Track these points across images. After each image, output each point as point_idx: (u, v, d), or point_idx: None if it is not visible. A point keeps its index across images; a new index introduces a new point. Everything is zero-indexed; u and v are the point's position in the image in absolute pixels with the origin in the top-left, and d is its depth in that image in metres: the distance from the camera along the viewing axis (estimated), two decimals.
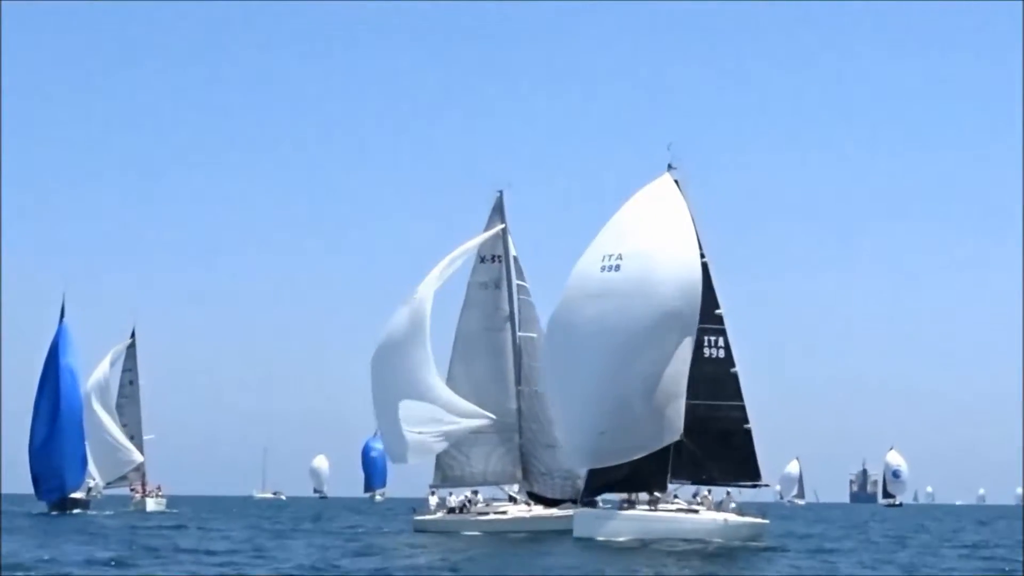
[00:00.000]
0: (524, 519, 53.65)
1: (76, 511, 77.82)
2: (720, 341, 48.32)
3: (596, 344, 46.38)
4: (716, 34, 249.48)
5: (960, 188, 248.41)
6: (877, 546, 50.70)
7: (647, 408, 46.43)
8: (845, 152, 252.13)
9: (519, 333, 56.08)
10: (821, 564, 39.25)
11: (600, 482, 48.39)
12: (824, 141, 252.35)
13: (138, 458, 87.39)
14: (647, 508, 47.77)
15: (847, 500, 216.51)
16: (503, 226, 57.26)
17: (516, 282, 56.43)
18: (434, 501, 55.29)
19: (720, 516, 48.17)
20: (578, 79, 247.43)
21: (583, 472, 49.91)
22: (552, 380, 49.00)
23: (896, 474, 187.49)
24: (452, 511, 54.73)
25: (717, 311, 48.26)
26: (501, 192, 57.80)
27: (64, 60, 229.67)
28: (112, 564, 34.46)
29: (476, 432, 54.18)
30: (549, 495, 55.10)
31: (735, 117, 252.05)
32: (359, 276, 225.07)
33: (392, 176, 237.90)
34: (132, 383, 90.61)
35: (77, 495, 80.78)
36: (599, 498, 49.38)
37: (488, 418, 53.55)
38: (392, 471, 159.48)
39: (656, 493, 47.92)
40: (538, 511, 54.18)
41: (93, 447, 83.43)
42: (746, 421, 48.53)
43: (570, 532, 47.51)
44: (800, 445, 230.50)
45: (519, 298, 56.31)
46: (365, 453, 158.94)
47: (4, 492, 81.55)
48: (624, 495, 48.42)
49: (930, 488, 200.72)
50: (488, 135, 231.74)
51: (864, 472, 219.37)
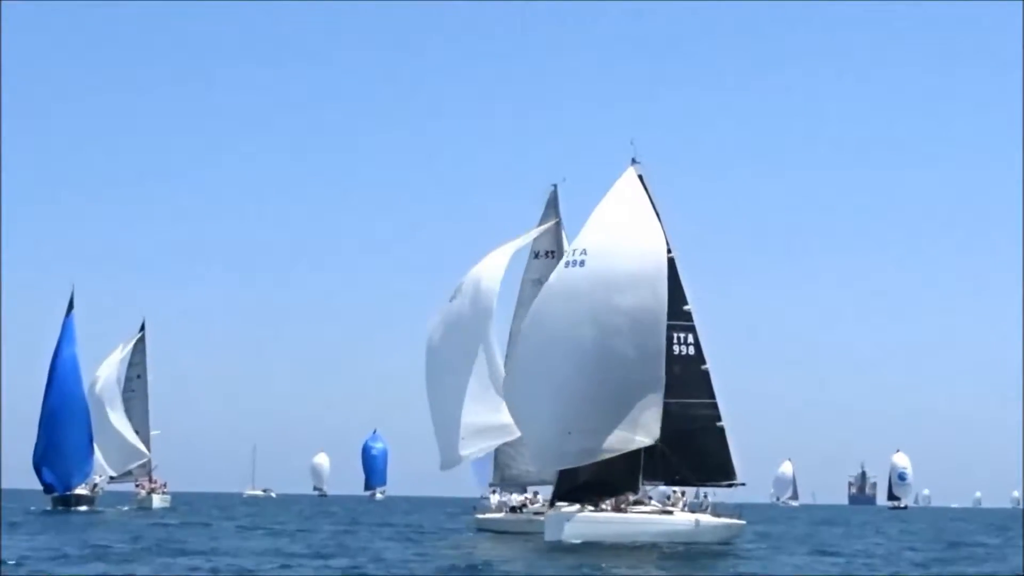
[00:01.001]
0: None
1: (82, 508, 76.46)
2: (690, 338, 47.09)
3: (562, 342, 45.30)
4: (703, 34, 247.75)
5: (953, 179, 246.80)
6: None
7: (616, 409, 45.26)
8: (826, 154, 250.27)
9: None
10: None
11: (570, 485, 46.97)
12: (805, 141, 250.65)
13: (146, 454, 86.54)
14: (619, 510, 46.58)
15: (845, 502, 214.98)
16: (557, 220, 56.00)
17: None
18: (495, 500, 54.22)
19: (692, 517, 47.06)
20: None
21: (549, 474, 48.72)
22: (518, 379, 47.39)
23: (902, 476, 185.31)
24: (514, 510, 53.56)
25: (685, 307, 47.05)
26: (555, 186, 56.38)
27: (80, 59, 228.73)
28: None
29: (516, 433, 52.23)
30: None
31: (718, 118, 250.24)
32: (364, 277, 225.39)
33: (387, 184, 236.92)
34: (140, 377, 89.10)
35: (81, 491, 79.40)
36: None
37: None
38: (392, 470, 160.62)
39: (628, 495, 46.73)
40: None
41: (101, 442, 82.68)
42: (719, 419, 47.33)
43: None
44: (797, 447, 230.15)
45: None
46: (365, 451, 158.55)
47: (7, 487, 79.73)
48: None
49: (927, 491, 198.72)
50: (539, 127, 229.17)
51: (863, 474, 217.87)
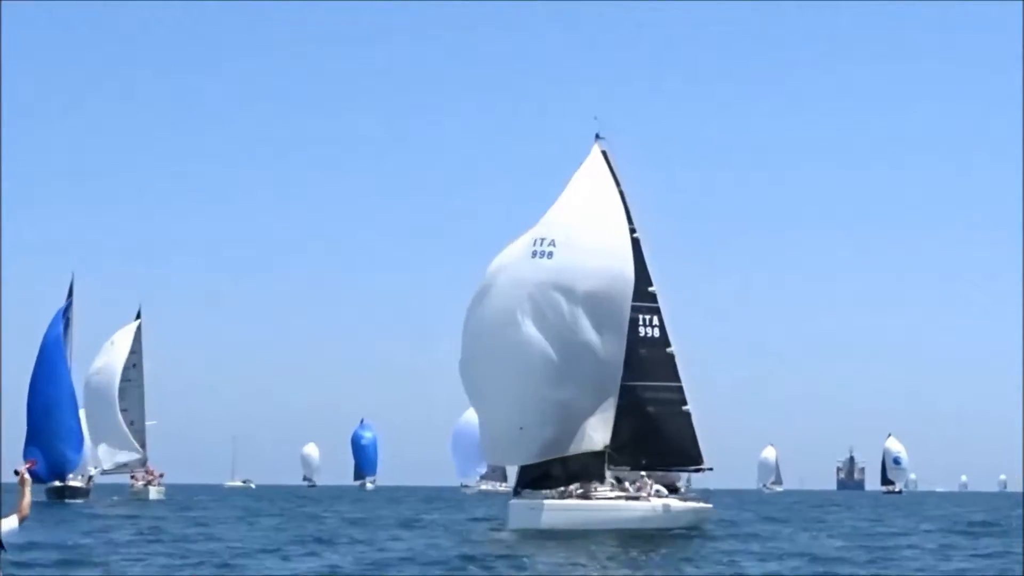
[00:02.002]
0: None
1: (78, 500, 75.15)
2: (655, 320, 46.12)
3: (521, 336, 43.88)
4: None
5: (941, 158, 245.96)
6: None
7: (569, 411, 43.99)
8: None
9: None
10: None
11: (534, 473, 45.87)
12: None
13: (143, 453, 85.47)
14: (585, 497, 45.57)
15: (834, 487, 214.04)
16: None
17: None
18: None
19: (661, 503, 46.15)
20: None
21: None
22: (476, 368, 45.39)
23: (897, 461, 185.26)
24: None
25: (651, 288, 46.03)
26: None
27: (77, 49, 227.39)
28: None
29: None
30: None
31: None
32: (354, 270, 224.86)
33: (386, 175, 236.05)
34: (136, 366, 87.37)
35: (76, 483, 78.45)
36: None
37: None
38: (383, 460, 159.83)
39: (594, 483, 45.69)
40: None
41: (100, 435, 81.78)
42: (684, 403, 46.40)
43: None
44: (785, 433, 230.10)
45: None
46: (355, 441, 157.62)
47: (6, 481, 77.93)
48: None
49: (914, 475, 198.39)
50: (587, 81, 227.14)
51: (851, 459, 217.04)
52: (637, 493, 46.03)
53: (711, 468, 47.40)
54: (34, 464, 11.02)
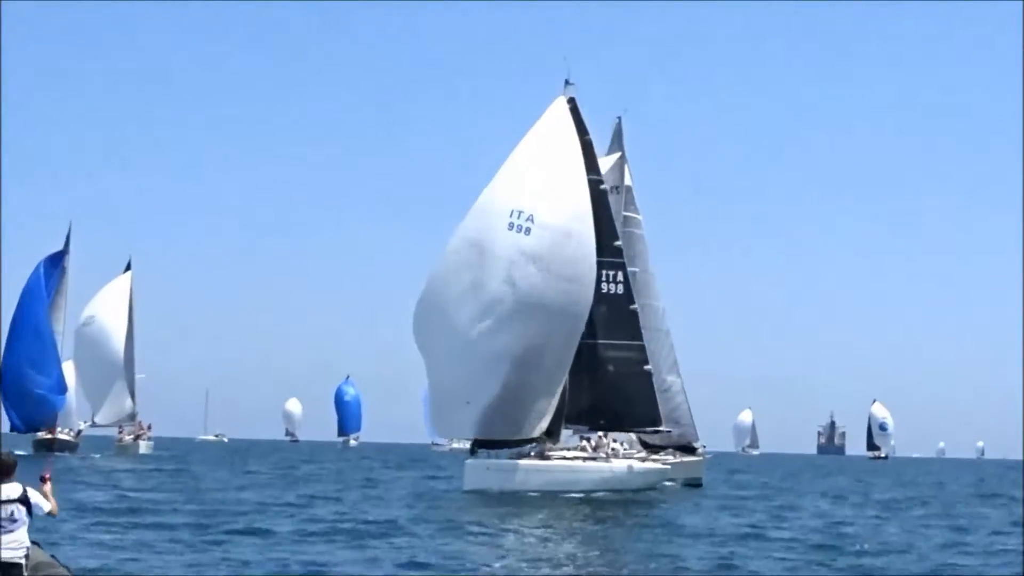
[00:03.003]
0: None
1: (65, 453, 72.22)
2: (619, 275, 44.78)
3: (481, 312, 41.98)
4: None
5: (933, 128, 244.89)
6: None
7: (515, 394, 42.25)
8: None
9: None
10: None
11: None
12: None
13: (134, 410, 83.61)
14: (542, 457, 44.35)
15: (814, 452, 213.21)
16: (620, 153, 53.10)
17: (624, 214, 51.95)
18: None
19: (624, 463, 45.19)
20: None
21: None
22: (431, 336, 43.30)
23: (883, 427, 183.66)
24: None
25: (616, 243, 44.75)
26: (620, 118, 53.80)
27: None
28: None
29: None
30: (651, 441, 50.36)
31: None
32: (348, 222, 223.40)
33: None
34: (128, 320, 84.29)
35: (65, 436, 76.50)
36: None
37: None
38: (367, 416, 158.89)
39: (547, 442, 44.37)
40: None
41: (94, 386, 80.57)
42: (646, 362, 45.26)
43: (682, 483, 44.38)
44: (766, 396, 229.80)
45: (624, 231, 51.15)
46: (339, 397, 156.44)
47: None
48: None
49: (893, 442, 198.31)
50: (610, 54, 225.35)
51: (832, 424, 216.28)
52: (595, 454, 45.13)
53: (669, 430, 46.39)
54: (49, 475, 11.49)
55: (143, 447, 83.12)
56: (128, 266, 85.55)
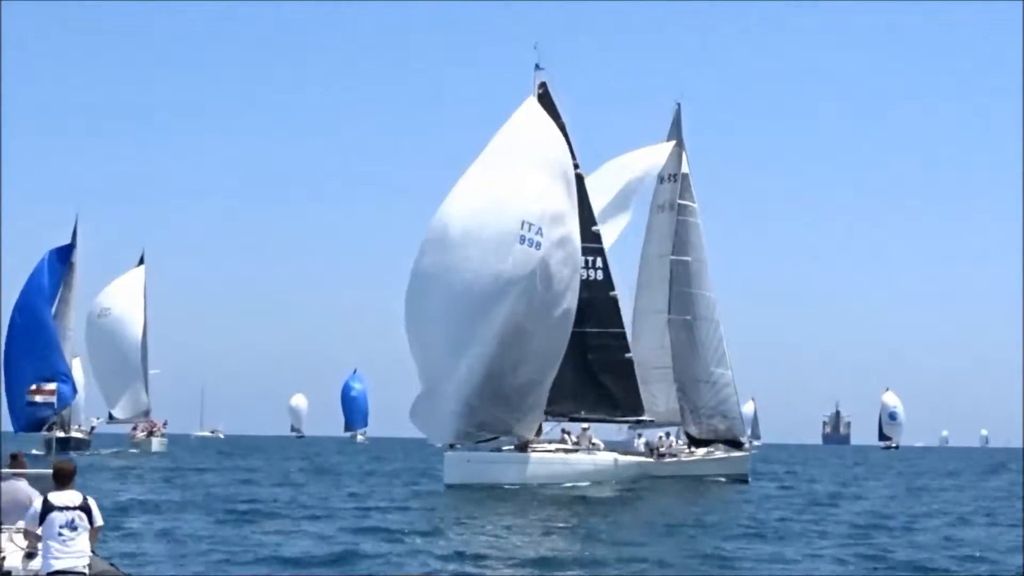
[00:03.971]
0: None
1: (82, 452, 69.30)
2: (599, 261, 43.67)
3: (483, 320, 39.96)
4: None
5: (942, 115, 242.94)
6: None
7: (505, 398, 41.02)
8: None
9: (671, 257, 50.37)
10: None
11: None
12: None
13: (146, 399, 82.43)
14: (522, 449, 42.94)
15: (819, 442, 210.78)
16: (677, 141, 51.54)
17: (679, 202, 50.90)
18: (641, 444, 49.56)
19: (611, 456, 43.92)
20: None
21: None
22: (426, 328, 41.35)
23: (893, 416, 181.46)
24: (663, 456, 48.39)
25: (594, 228, 43.55)
26: (679, 104, 52.41)
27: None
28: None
29: (657, 367, 49.14)
30: (696, 434, 49.53)
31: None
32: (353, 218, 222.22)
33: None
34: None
35: (78, 434, 74.80)
36: None
37: None
38: (374, 412, 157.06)
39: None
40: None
41: (111, 380, 79.17)
42: (627, 350, 44.00)
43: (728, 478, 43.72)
44: (773, 386, 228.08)
45: (679, 219, 50.65)
46: (345, 393, 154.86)
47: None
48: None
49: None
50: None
51: (837, 414, 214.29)
52: (576, 447, 43.80)
53: (652, 420, 45.07)
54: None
55: (156, 444, 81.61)
56: (141, 260, 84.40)
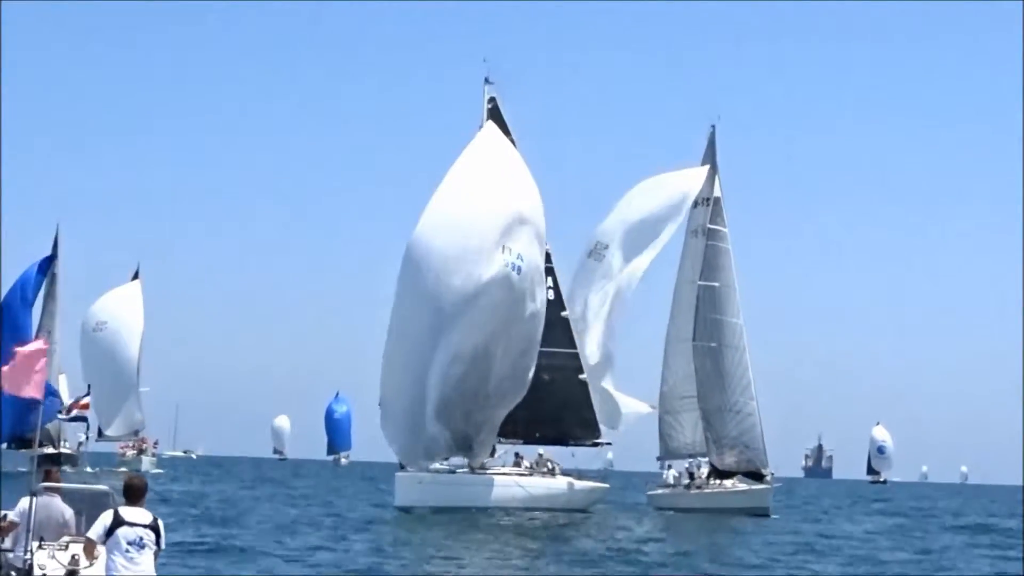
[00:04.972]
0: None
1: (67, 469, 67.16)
2: (549, 281, 42.83)
3: (459, 340, 40.42)
4: None
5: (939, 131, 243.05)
6: None
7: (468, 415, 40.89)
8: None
9: (699, 282, 49.66)
10: None
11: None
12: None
13: (142, 424, 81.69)
14: (474, 471, 42.21)
15: (800, 475, 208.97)
16: (710, 164, 50.86)
17: (709, 226, 50.22)
18: (671, 475, 49.25)
19: (564, 481, 43.05)
20: None
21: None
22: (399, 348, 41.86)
23: (881, 450, 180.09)
24: (689, 486, 48.38)
25: (545, 247, 42.69)
26: (713, 127, 51.61)
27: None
28: None
29: (684, 397, 48.62)
30: (719, 465, 48.36)
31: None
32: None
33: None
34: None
35: (67, 450, 74.02)
36: None
37: None
38: (356, 434, 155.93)
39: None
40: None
41: (105, 396, 77.55)
42: (580, 371, 43.11)
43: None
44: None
45: (709, 244, 49.93)
46: (328, 415, 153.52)
47: None
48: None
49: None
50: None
51: (819, 447, 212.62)
52: (530, 470, 43.16)
53: (609, 443, 44.17)
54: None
55: (146, 463, 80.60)
56: (136, 274, 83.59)
